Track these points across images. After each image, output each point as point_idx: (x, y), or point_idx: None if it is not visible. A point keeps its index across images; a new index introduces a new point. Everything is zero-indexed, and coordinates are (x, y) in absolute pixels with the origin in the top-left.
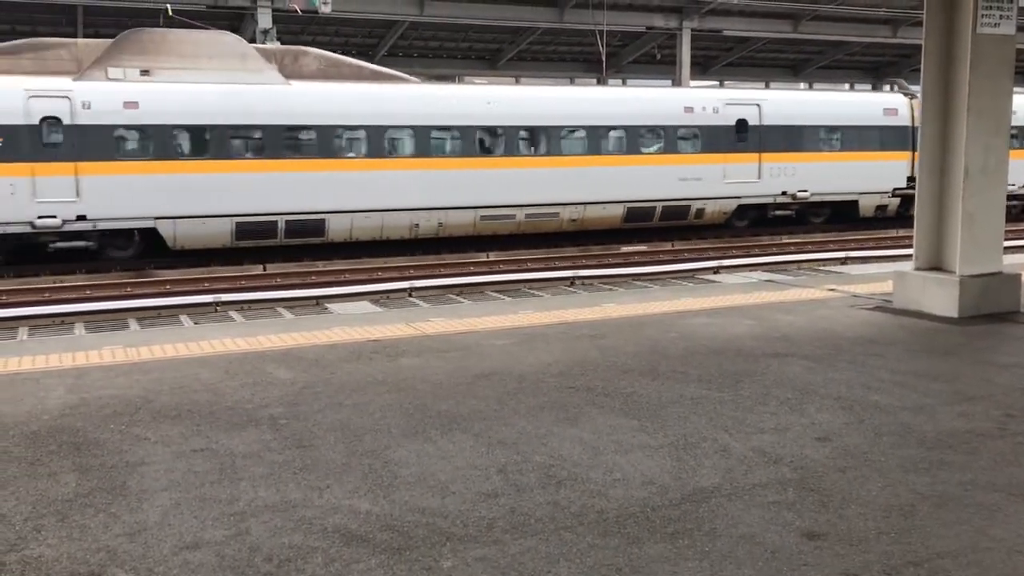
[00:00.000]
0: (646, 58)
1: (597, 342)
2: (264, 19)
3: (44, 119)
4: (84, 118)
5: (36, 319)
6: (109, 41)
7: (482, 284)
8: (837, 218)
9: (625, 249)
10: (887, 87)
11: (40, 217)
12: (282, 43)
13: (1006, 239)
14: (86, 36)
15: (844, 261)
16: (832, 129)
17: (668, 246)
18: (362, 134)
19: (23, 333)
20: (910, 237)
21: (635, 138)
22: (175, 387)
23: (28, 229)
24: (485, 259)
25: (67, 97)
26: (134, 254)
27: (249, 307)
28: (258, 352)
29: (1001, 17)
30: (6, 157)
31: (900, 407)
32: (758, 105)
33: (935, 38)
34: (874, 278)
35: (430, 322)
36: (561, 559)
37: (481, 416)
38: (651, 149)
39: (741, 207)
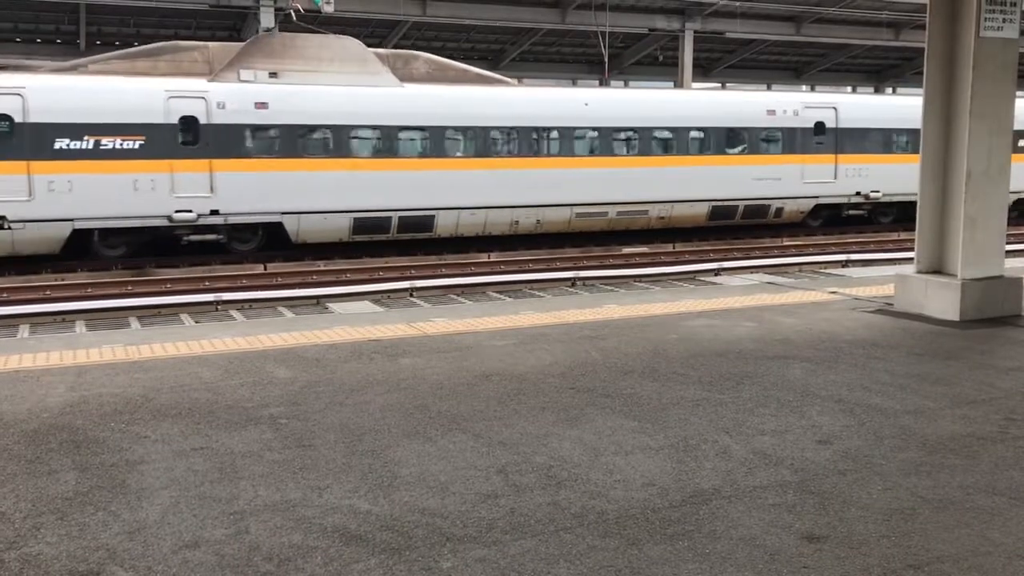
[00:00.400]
0: (648, 59)
1: (598, 343)
2: (267, 18)
3: (182, 118)
4: (219, 117)
5: (37, 317)
6: (239, 44)
7: (483, 284)
8: (905, 218)
9: (626, 250)
10: (888, 90)
11: (177, 211)
12: None
13: (1008, 242)
14: (88, 34)
15: (845, 264)
16: (902, 132)
17: (669, 247)
18: (468, 134)
19: (24, 331)
20: (912, 240)
21: (721, 139)
22: (175, 386)
23: (166, 223)
24: (486, 259)
25: (203, 98)
26: (256, 247)
27: (250, 306)
28: (258, 351)
29: (1004, 20)
30: (148, 154)
31: (901, 410)
32: (835, 108)
33: (938, 41)
34: (875, 281)
35: (431, 322)
36: (561, 560)
37: (481, 416)
38: (736, 150)
39: (817, 207)
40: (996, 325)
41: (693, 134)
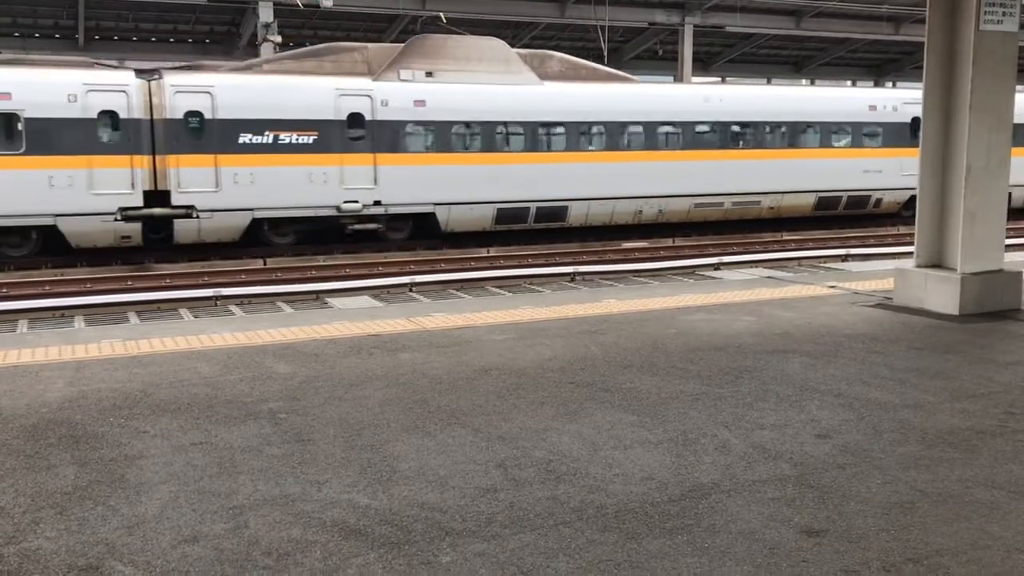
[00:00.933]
0: (648, 54)
1: (597, 338)
2: (265, 13)
3: (350, 115)
4: (382, 114)
5: (36, 312)
6: (396, 46)
7: (482, 279)
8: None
9: (626, 245)
10: (888, 84)
11: (345, 202)
12: (284, 38)
13: (1007, 236)
14: (87, 28)
15: (845, 258)
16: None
17: (669, 242)
18: (599, 129)
19: (23, 326)
20: (911, 234)
21: (828, 133)
22: (174, 381)
23: (334, 212)
24: (485, 254)
25: (369, 95)
26: (405, 237)
27: (249, 301)
28: (257, 346)
29: (1004, 14)
30: (320, 148)
31: (900, 404)
32: None
33: (938, 35)
34: (875, 275)
35: (430, 317)
36: (560, 554)
37: (481, 411)
38: (841, 143)
39: (912, 197)
40: (996, 319)
41: (804, 129)
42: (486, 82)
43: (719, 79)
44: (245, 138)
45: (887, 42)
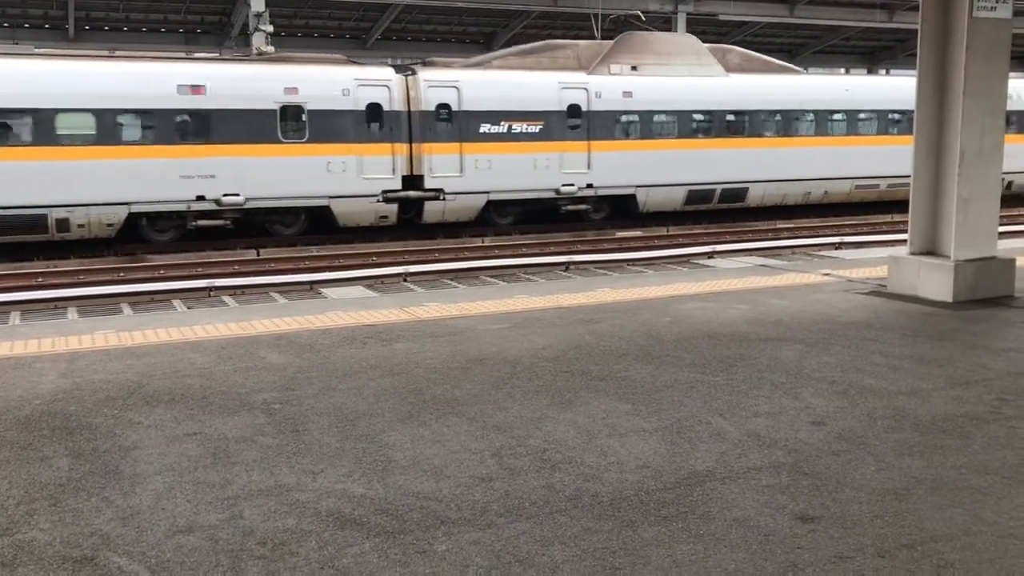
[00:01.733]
0: None
1: (591, 326)
2: (257, 2)
3: (570, 106)
4: (596, 105)
5: (29, 304)
6: (603, 43)
7: (477, 269)
8: None
9: (620, 234)
10: (881, 71)
11: (563, 185)
12: (275, 27)
13: (1000, 223)
14: (77, 19)
15: (839, 246)
16: None
17: (663, 231)
18: (776, 117)
19: (15, 318)
20: (905, 222)
21: None
22: (168, 372)
23: (553, 195)
24: (480, 244)
25: (585, 88)
26: (603, 217)
27: (242, 292)
28: (251, 337)
29: (998, 1)
30: (545, 137)
31: (894, 391)
32: None
33: (931, 22)
34: (869, 263)
35: (425, 307)
36: (555, 542)
37: (476, 400)
38: None
39: None
40: (989, 306)
41: None
42: (682, 75)
43: None
44: (485, 128)
45: (880, 29)
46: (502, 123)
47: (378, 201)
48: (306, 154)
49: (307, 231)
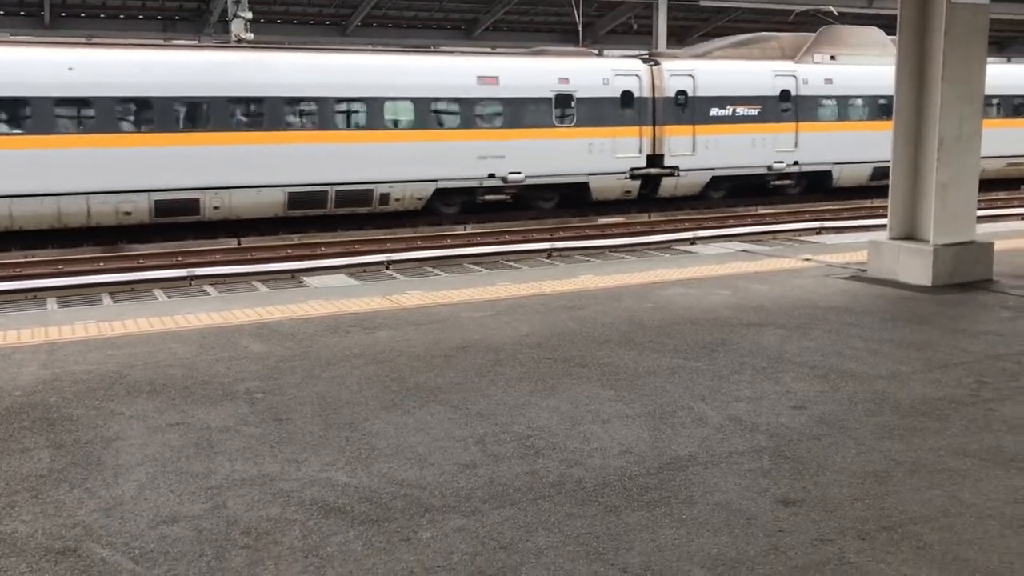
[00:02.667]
0: (623, 28)
1: (574, 313)
2: None
3: (781, 91)
4: (803, 91)
5: (6, 294)
6: (804, 35)
7: (460, 256)
8: None
9: (602, 221)
10: None
11: (775, 162)
12: (254, 14)
13: (979, 208)
14: (52, 5)
15: (819, 231)
16: None
17: (644, 217)
18: None
19: None
20: (885, 207)
21: None
22: (149, 362)
23: (765, 171)
24: (462, 231)
25: (794, 76)
26: (800, 191)
27: (223, 281)
28: (233, 326)
29: None
30: (761, 119)
31: (874, 375)
32: None
33: (910, 7)
34: (849, 248)
35: (407, 295)
36: (539, 528)
37: (459, 388)
38: None
39: None
40: (968, 290)
41: None
42: (871, 63)
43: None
44: (714, 111)
45: (860, 15)
46: (728, 107)
47: (626, 178)
48: (574, 136)
49: (557, 205)
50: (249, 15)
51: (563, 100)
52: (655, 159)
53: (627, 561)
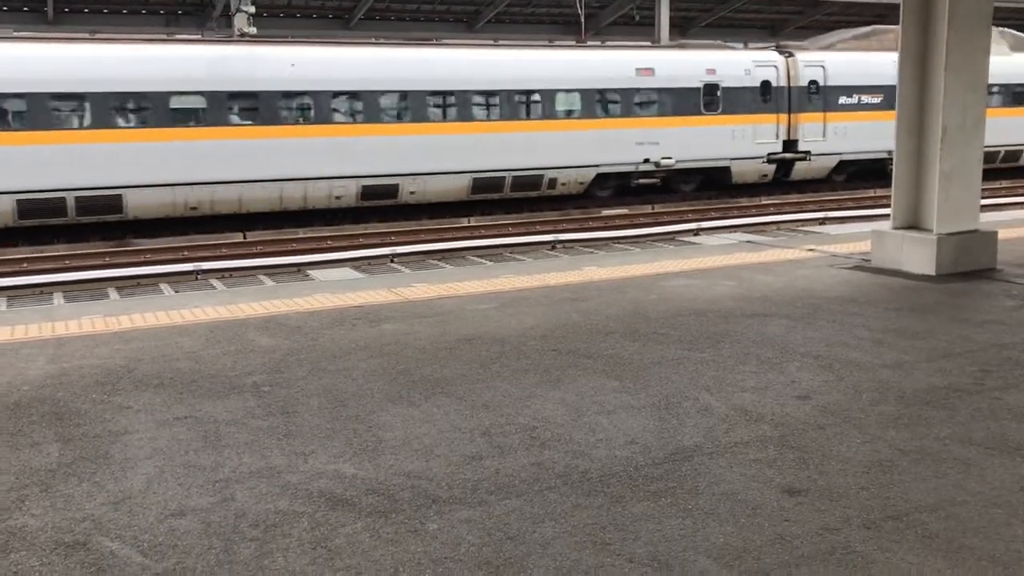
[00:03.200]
0: (625, 19)
1: (578, 305)
2: None
3: None
4: None
5: (14, 290)
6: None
7: (464, 249)
8: None
9: (606, 212)
10: None
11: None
12: (257, 8)
13: (982, 197)
14: (56, 3)
15: (823, 222)
16: None
17: (648, 209)
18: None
19: (1, 304)
20: (888, 197)
21: None
22: (157, 356)
23: (885, 155)
24: (466, 224)
25: None
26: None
27: (230, 275)
28: (240, 320)
29: None
30: (883, 107)
31: (879, 364)
32: None
33: None
34: (852, 238)
35: (412, 288)
36: (546, 519)
37: (464, 380)
38: None
39: None
40: (972, 279)
41: None
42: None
43: (494, 42)
44: (843, 100)
45: (863, 4)
46: (855, 96)
47: (764, 162)
48: (719, 124)
49: (697, 188)
50: (252, 9)
51: (710, 90)
52: (788, 144)
53: (633, 551)
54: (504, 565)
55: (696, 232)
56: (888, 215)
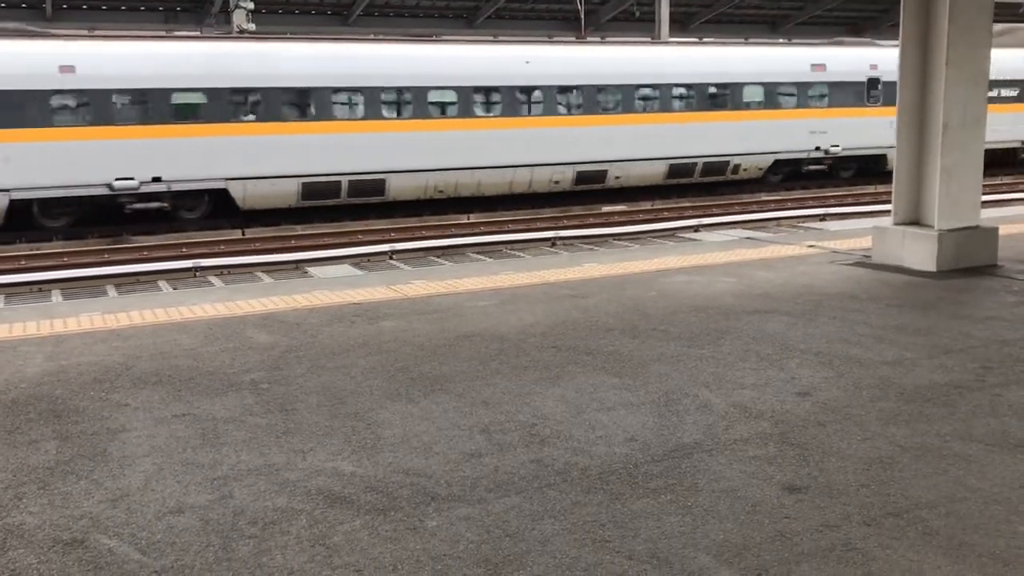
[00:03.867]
0: (625, 15)
1: (578, 302)
2: None
3: None
4: None
5: (12, 287)
6: None
7: (463, 246)
8: None
9: (605, 209)
10: None
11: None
12: (255, 3)
13: (983, 192)
14: (54, 7)
15: (823, 218)
16: None
17: (647, 205)
18: None
19: None
20: (888, 193)
21: None
22: (155, 353)
23: (1019, 145)
24: (466, 221)
25: None
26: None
27: (228, 272)
28: (238, 317)
29: None
30: (1018, 100)
31: (879, 361)
32: None
33: None
34: (853, 234)
35: (411, 284)
36: (545, 516)
37: (464, 377)
38: None
39: None
40: (973, 275)
41: None
42: None
43: (696, 40)
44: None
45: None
46: (994, 89)
47: None
48: (879, 115)
49: (856, 175)
50: (251, 5)
51: (872, 83)
52: None
53: (633, 548)
54: (503, 562)
55: (696, 228)
56: (888, 211)
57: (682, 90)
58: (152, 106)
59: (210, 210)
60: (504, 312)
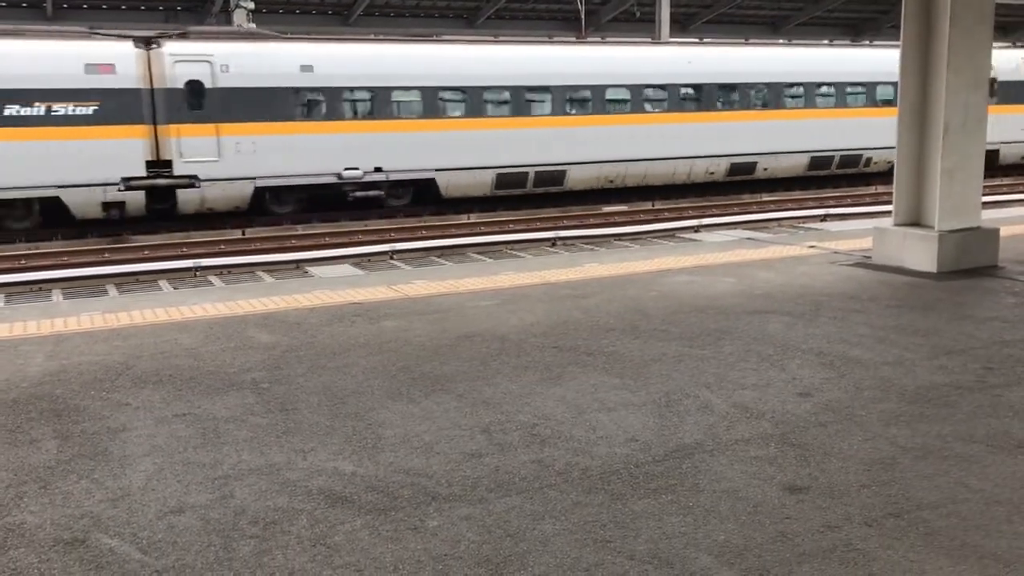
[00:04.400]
0: (625, 15)
1: (579, 302)
2: None
3: None
4: None
5: (12, 286)
6: None
7: (464, 246)
8: None
9: (606, 209)
10: (865, 43)
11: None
12: (255, 3)
13: (984, 194)
14: (55, 6)
15: (824, 218)
16: None
17: (648, 205)
18: None
19: None
20: (889, 194)
21: None
22: (155, 353)
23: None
24: (466, 221)
25: None
26: None
27: (229, 272)
28: (239, 316)
29: None
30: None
31: (880, 362)
32: None
33: None
34: (853, 235)
35: (412, 284)
36: (546, 516)
37: (464, 377)
38: None
39: None
40: (973, 276)
41: None
42: None
43: (696, 40)
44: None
45: (864, 0)
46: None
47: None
48: (995, 112)
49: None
50: (251, 5)
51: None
52: None
53: (634, 548)
54: (504, 562)
55: (697, 229)
56: (889, 212)
57: (825, 88)
58: (376, 103)
59: (412, 199)
60: (505, 312)
